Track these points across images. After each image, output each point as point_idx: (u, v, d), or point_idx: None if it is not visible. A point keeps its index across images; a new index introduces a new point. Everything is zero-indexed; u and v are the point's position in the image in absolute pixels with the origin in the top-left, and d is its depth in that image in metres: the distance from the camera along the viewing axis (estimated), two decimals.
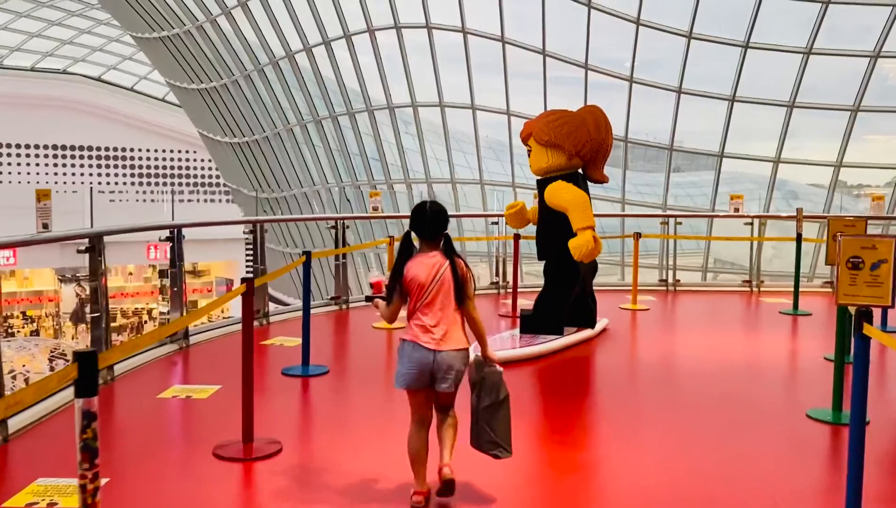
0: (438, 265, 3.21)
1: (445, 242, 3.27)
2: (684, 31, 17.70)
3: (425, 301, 3.20)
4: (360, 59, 20.25)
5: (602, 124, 6.44)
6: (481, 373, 3.33)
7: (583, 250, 5.96)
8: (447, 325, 3.19)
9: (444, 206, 3.36)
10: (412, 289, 3.21)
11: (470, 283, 3.27)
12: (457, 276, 3.21)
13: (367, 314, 7.85)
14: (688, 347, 6.65)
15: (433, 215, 3.27)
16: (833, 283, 9.82)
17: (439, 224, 3.26)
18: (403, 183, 21.65)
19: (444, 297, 3.20)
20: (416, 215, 3.32)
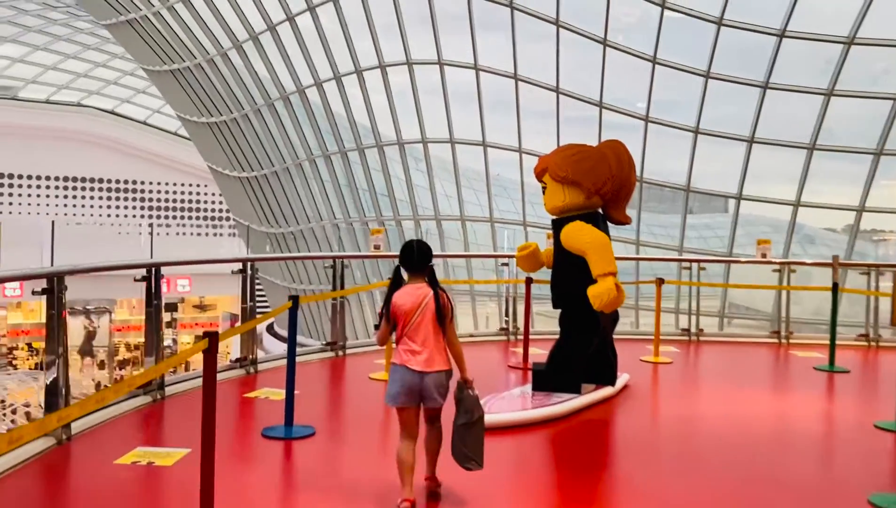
0: (423, 295, 3.61)
1: (430, 275, 3.68)
2: (702, 70, 17.26)
3: (411, 327, 3.60)
4: (370, 95, 19.92)
5: (625, 161, 5.88)
6: (460, 394, 3.69)
7: (604, 299, 5.35)
8: (430, 349, 3.58)
9: (429, 245, 3.78)
10: (399, 316, 3.63)
11: (450, 312, 3.66)
12: (439, 305, 3.61)
13: (365, 363, 7.23)
14: (717, 409, 5.98)
15: (419, 252, 3.70)
16: (869, 336, 9.14)
17: (424, 260, 3.68)
18: (412, 219, 21.14)
19: (429, 323, 3.59)
20: (404, 252, 3.75)
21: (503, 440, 4.88)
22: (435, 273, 3.71)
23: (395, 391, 3.61)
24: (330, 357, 7.39)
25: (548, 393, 5.67)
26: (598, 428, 5.38)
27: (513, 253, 8.17)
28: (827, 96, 17.05)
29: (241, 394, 5.85)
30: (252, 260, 6.50)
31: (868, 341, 9.13)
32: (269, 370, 6.69)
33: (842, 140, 17.90)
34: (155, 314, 5.55)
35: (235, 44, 20.87)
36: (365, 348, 7.88)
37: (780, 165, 20.40)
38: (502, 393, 5.67)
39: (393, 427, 4.31)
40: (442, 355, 3.62)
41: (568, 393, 5.65)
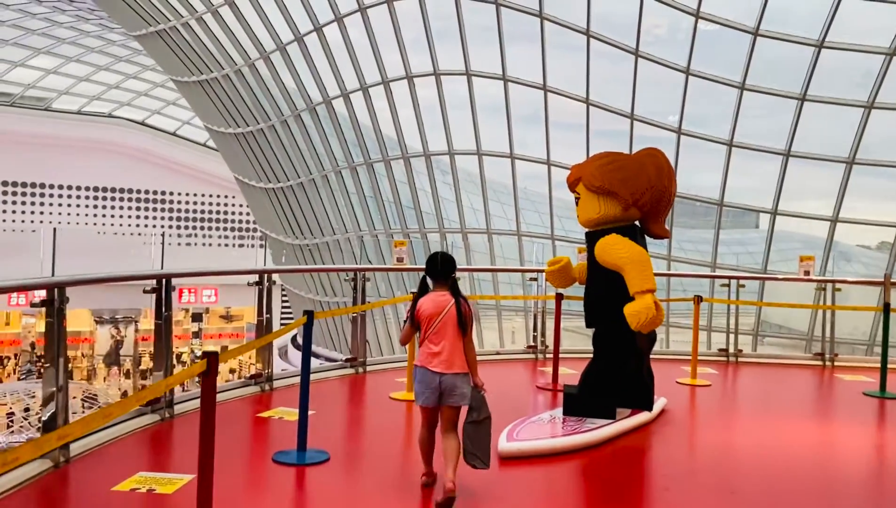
0: (445, 303, 3.93)
1: (452, 285, 4.00)
2: (737, 81, 16.80)
3: (433, 331, 3.91)
4: (398, 107, 19.71)
5: (664, 170, 5.51)
6: (470, 395, 3.93)
7: (641, 319, 4.97)
8: (449, 352, 3.87)
9: (453, 257, 4.10)
10: (422, 320, 3.96)
11: (470, 320, 3.94)
12: (460, 313, 3.91)
13: (387, 381, 6.89)
14: (760, 439, 5.54)
15: (443, 263, 4.03)
16: None
17: (448, 270, 4.01)
18: (438, 232, 20.83)
19: (449, 329, 3.90)
20: (429, 263, 4.08)
21: (532, 469, 4.52)
22: (457, 283, 4.03)
23: (419, 391, 3.96)
24: (350, 374, 7.06)
25: (580, 418, 5.29)
26: (633, 458, 4.99)
27: (541, 267, 7.81)
28: (867, 109, 16.51)
29: (255, 413, 5.54)
30: (269, 271, 6.21)
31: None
32: (285, 388, 6.38)
33: (878, 155, 17.34)
34: (165, 327, 5.27)
35: (263, 54, 20.79)
36: (387, 364, 7.54)
37: (815, 181, 19.80)
38: (531, 417, 5.30)
39: (414, 455, 4.27)
40: (460, 358, 3.91)
41: (602, 419, 5.26)
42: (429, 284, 4.07)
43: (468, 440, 3.88)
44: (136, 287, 5.30)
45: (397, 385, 6.57)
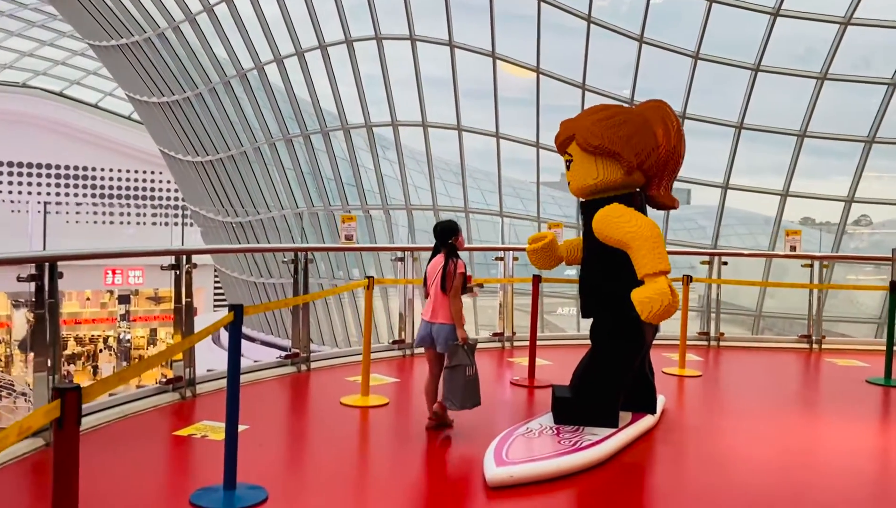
0: (438, 264, 4.57)
1: (449, 249, 4.56)
2: (690, 51, 16.11)
3: (429, 288, 4.62)
4: (335, 73, 18.38)
5: (673, 127, 4.57)
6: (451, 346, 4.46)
7: (655, 307, 4.04)
8: (436, 305, 4.53)
9: (451, 223, 4.64)
10: (426, 279, 4.68)
11: (450, 278, 4.46)
12: (444, 272, 4.49)
13: (335, 381, 5.83)
14: (782, 445, 4.71)
15: (440, 232, 4.61)
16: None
17: (444, 237, 4.59)
18: (381, 209, 19.69)
19: (438, 286, 4.53)
20: (433, 231, 4.68)
21: (530, 501, 3.54)
22: (453, 248, 4.56)
23: (417, 337, 4.66)
24: (290, 373, 5.96)
25: (576, 428, 4.34)
26: (646, 478, 4.08)
27: (511, 246, 6.86)
28: (820, 80, 16.09)
29: (172, 431, 4.41)
30: (187, 253, 5.04)
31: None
32: (212, 394, 5.24)
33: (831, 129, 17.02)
34: (51, 319, 4.07)
35: (188, 16, 19.15)
36: (335, 360, 6.46)
37: (762, 157, 19.41)
38: (517, 428, 4.33)
39: (378, 486, 3.80)
40: (444, 310, 4.49)
41: (603, 427, 4.33)
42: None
43: (444, 383, 4.43)
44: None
45: (349, 387, 5.52)
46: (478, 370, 4.44)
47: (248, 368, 5.78)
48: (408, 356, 6.81)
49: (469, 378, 4.36)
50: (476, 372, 4.41)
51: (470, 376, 4.37)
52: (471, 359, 4.40)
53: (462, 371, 4.36)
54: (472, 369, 4.39)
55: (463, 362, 4.35)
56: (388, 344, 6.89)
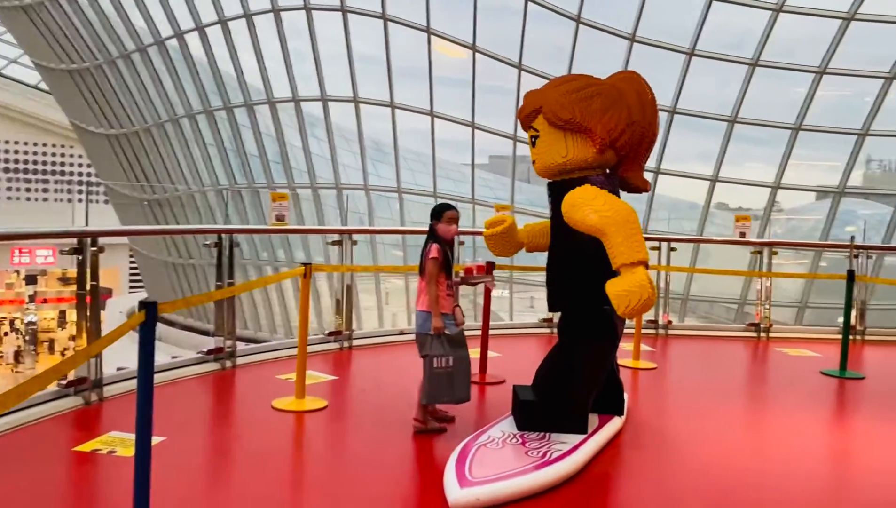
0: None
1: (429, 232, 4.27)
2: (627, 33, 15.89)
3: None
4: (262, 45, 17.41)
5: (647, 101, 4.13)
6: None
7: (633, 301, 3.60)
8: (419, 291, 4.25)
9: (439, 205, 4.30)
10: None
11: (424, 262, 4.17)
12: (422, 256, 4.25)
13: (265, 379, 5.22)
14: (755, 445, 4.40)
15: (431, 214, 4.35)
16: (854, 328, 7.92)
17: (430, 219, 4.30)
18: (309, 188, 18.87)
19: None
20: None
21: None
22: (432, 230, 4.25)
23: None
24: (213, 371, 5.31)
25: (542, 435, 3.89)
26: (616, 490, 3.66)
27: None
28: (752, 67, 16.15)
29: (72, 446, 3.73)
30: (93, 234, 4.34)
31: (855, 334, 7.92)
32: (122, 397, 4.56)
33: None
34: None
35: None
36: (265, 354, 5.82)
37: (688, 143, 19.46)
38: (478, 437, 3.84)
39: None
40: (422, 296, 4.20)
41: (571, 434, 3.89)
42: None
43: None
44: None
45: (281, 387, 4.92)
46: (461, 363, 4.10)
47: (163, 366, 5.11)
48: (345, 350, 6.24)
49: (438, 371, 4.04)
50: (450, 364, 4.06)
51: (439, 368, 4.04)
52: (445, 349, 4.06)
53: (429, 363, 4.06)
54: (442, 360, 4.05)
55: (432, 352, 4.06)
56: (323, 336, 6.30)
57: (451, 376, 4.04)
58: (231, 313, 5.49)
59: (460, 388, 4.07)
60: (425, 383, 4.06)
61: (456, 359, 4.05)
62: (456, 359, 4.05)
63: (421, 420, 4.16)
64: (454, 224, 4.22)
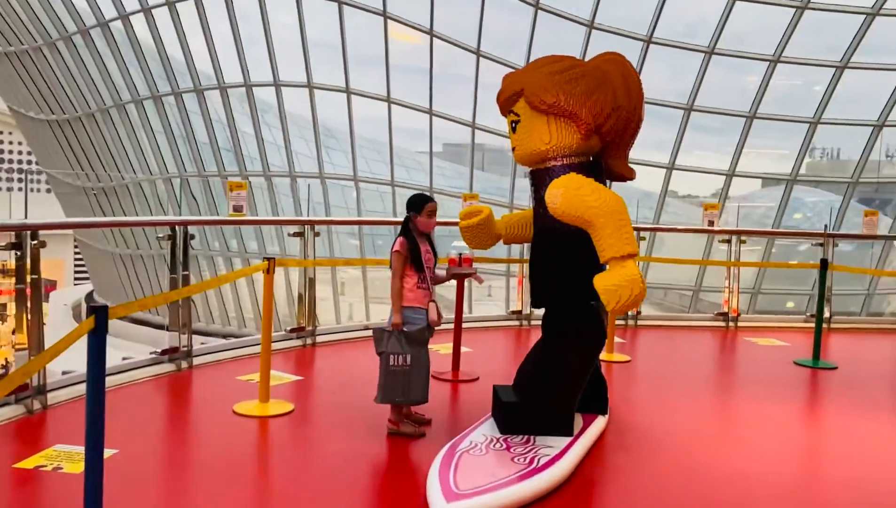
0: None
1: (402, 225, 4.01)
2: (585, 20, 15.76)
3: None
4: (211, 28, 16.80)
5: (633, 85, 3.92)
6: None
7: (623, 296, 3.40)
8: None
9: (415, 197, 4.04)
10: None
11: (392, 257, 3.94)
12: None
13: (225, 380, 4.90)
14: (739, 444, 4.26)
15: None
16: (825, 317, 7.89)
17: (406, 210, 4.04)
18: (262, 176, 18.35)
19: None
20: None
21: None
22: (406, 224, 3.99)
23: None
24: (169, 373, 4.95)
25: (526, 438, 3.67)
26: (608, 497, 3.46)
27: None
28: (707, 55, 16.20)
29: (12, 462, 3.37)
30: (33, 228, 3.96)
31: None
32: (69, 404, 4.19)
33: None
34: None
35: None
36: (223, 353, 5.48)
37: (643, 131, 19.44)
38: (460, 442, 3.60)
39: None
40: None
41: (558, 437, 3.68)
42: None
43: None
44: None
45: (242, 389, 4.61)
46: (419, 362, 3.84)
47: (113, 369, 4.74)
48: (308, 347, 5.93)
49: (393, 369, 3.81)
50: (407, 363, 3.80)
51: (395, 366, 3.80)
52: (403, 347, 3.81)
53: (384, 360, 3.84)
54: (399, 358, 3.80)
55: (388, 349, 3.82)
56: (285, 333, 5.98)
57: (407, 375, 3.81)
58: (187, 310, 5.14)
59: (416, 389, 3.82)
60: (380, 381, 3.85)
61: (413, 358, 3.81)
62: (413, 358, 3.81)
63: (394, 422, 3.90)
64: (434, 217, 3.99)
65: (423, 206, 3.96)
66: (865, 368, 6.45)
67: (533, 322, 7.28)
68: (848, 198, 18.54)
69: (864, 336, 7.80)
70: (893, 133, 17.24)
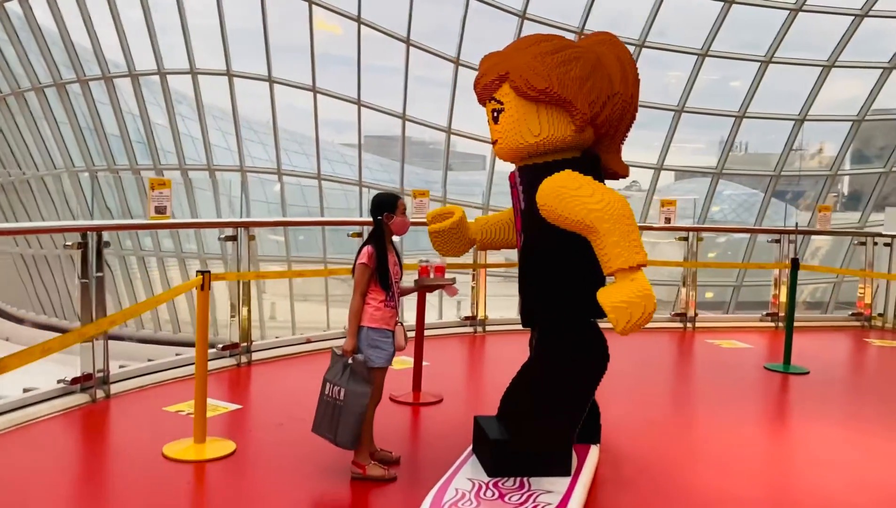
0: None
1: (373, 229, 3.41)
2: (517, 9, 15.37)
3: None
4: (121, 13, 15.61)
5: (630, 70, 3.43)
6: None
7: (635, 315, 2.92)
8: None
9: (383, 196, 3.43)
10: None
11: (356, 269, 3.32)
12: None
13: (150, 414, 4.18)
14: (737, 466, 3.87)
15: (371, 205, 3.44)
16: (777, 316, 7.71)
17: (372, 212, 3.41)
18: (178, 169, 17.25)
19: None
20: None
21: None
22: (378, 226, 3.40)
23: None
24: (82, 405, 4.19)
25: (519, 482, 3.14)
26: None
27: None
28: (639, 47, 16.09)
29: None
30: None
31: (777, 321, 7.71)
32: None
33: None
34: None
35: None
36: (146, 376, 4.73)
37: None
38: (443, 491, 3.03)
39: None
40: (366, 307, 3.37)
41: (554, 477, 3.17)
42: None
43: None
44: None
45: (172, 424, 3.91)
46: (355, 402, 3.21)
47: (12, 404, 3.96)
48: (244, 366, 5.25)
49: (326, 399, 3.29)
50: (340, 398, 3.22)
51: (329, 397, 3.27)
52: (343, 379, 3.24)
53: (322, 385, 3.33)
54: (334, 389, 3.26)
55: (328, 374, 3.31)
56: (217, 350, 5.26)
57: (337, 411, 3.24)
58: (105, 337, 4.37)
59: (344, 431, 3.21)
60: (317, 406, 3.35)
61: (349, 395, 3.21)
62: (349, 395, 3.21)
63: (359, 464, 3.31)
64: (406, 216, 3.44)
65: (397, 203, 3.40)
66: (836, 372, 6.23)
67: (488, 328, 6.78)
68: (770, 191, 18.89)
69: (817, 335, 7.62)
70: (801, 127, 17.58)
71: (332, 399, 3.25)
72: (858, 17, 15.22)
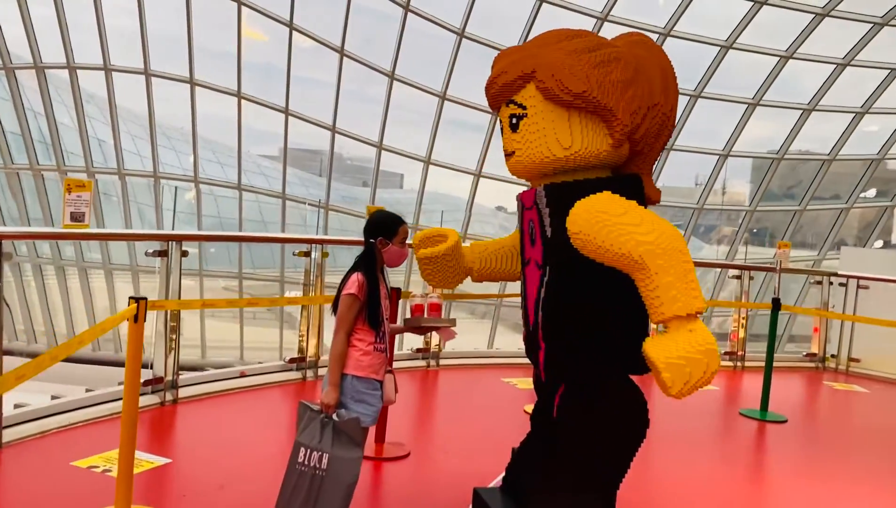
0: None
1: (364, 252, 2.88)
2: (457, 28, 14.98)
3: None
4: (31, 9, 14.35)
5: (671, 79, 2.90)
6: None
7: (695, 375, 2.38)
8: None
9: (383, 216, 2.95)
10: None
11: (340, 302, 2.76)
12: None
13: (56, 463, 3.36)
14: None
15: (366, 226, 2.97)
16: (736, 355, 7.42)
17: (366, 233, 2.92)
18: (85, 171, 15.91)
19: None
20: None
21: None
22: (370, 250, 2.85)
23: None
24: None
25: None
26: None
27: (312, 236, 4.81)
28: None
29: None
30: None
31: (741, 360, 7.42)
32: None
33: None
34: None
35: None
36: (51, 417, 3.87)
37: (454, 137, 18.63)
38: None
39: None
40: (350, 350, 2.76)
41: None
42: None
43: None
44: None
45: (84, 486, 3.11)
46: (342, 469, 2.54)
47: None
48: (168, 405, 4.43)
49: (300, 469, 2.57)
50: (321, 467, 2.54)
51: (302, 466, 2.56)
52: (324, 442, 2.55)
53: (294, 451, 2.59)
54: (312, 455, 2.56)
55: (301, 437, 2.59)
56: None
57: (316, 483, 2.55)
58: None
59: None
60: (284, 479, 2.61)
61: (333, 462, 2.55)
62: (333, 462, 2.55)
63: None
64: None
65: (398, 229, 2.87)
66: (814, 420, 5.93)
67: (441, 362, 6.16)
68: (693, 224, 19.12)
69: (775, 377, 7.35)
70: (702, 162, 17.93)
71: (307, 469, 2.56)
72: (784, 57, 15.60)
